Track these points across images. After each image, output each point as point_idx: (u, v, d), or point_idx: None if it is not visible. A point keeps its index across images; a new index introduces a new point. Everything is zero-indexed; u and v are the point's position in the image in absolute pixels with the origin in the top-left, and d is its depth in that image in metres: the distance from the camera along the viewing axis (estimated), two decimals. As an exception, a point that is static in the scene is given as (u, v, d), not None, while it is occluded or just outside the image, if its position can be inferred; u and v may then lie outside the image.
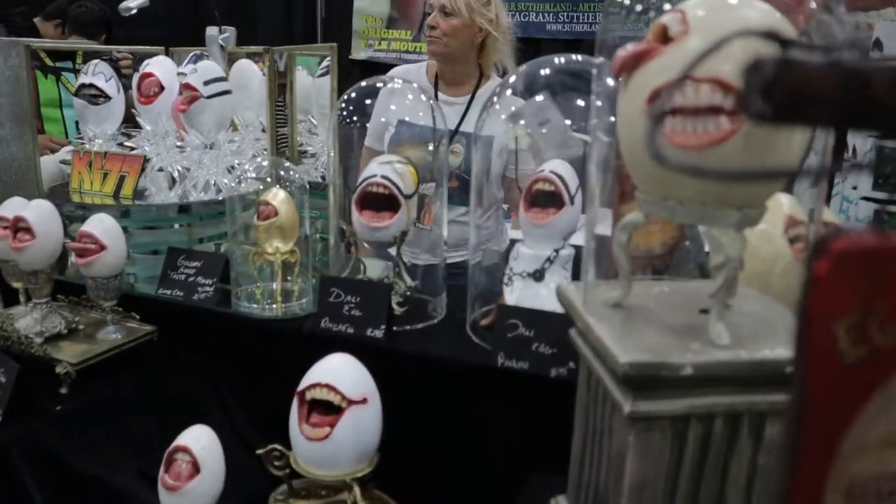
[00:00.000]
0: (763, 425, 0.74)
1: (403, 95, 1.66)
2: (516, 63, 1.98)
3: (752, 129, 0.65)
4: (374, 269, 1.42)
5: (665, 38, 0.72)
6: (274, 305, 1.40)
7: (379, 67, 4.14)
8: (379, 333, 1.25)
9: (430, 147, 1.45)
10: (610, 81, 0.82)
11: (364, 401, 1.07)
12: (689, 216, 0.71)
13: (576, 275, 1.29)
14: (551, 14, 4.11)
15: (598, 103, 0.83)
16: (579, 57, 1.25)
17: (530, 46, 4.26)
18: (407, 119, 1.68)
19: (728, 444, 0.75)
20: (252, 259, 1.41)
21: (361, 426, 1.06)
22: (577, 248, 1.29)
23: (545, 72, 1.30)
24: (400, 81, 1.60)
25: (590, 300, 0.83)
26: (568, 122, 1.24)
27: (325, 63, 1.77)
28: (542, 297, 1.25)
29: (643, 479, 0.74)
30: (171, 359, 1.41)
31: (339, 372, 1.07)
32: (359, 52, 4.66)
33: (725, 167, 0.67)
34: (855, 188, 1.84)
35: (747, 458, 0.76)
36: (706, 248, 1.21)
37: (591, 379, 0.83)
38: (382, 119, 1.69)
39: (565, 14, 4.09)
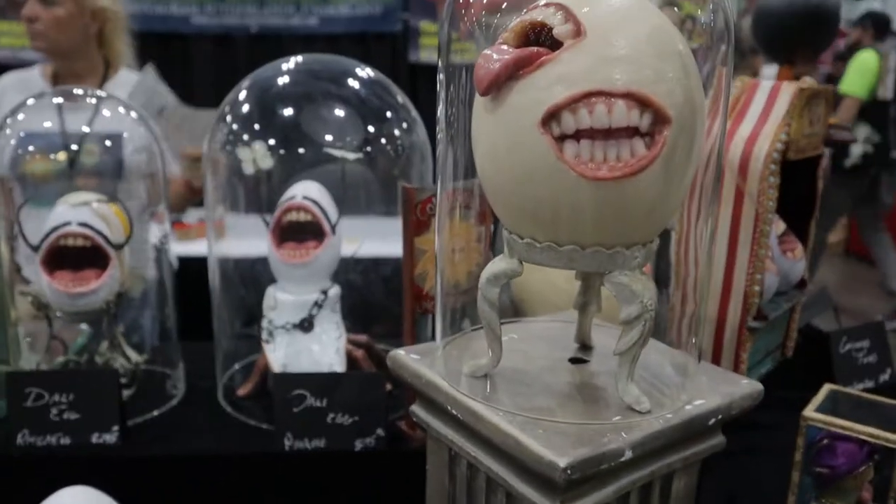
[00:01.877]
0: (671, 484, 0.65)
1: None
2: (135, 59, 1.85)
3: (670, 150, 0.54)
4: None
5: (538, 41, 0.57)
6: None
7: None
8: (111, 438, 0.92)
9: (61, 156, 1.18)
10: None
11: (121, 547, 0.77)
12: (593, 262, 0.57)
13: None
14: (196, 5, 3.72)
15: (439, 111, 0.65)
16: (327, 57, 1.05)
17: (175, 42, 3.85)
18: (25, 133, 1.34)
19: (638, 514, 0.64)
20: None
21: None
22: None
23: (283, 81, 1.07)
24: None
25: (448, 371, 0.66)
26: (329, 137, 1.03)
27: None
28: (314, 353, 1.04)
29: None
30: None
31: (78, 517, 0.76)
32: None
33: (640, 201, 0.54)
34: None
35: (654, 522, 0.66)
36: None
37: (459, 467, 0.66)
38: None
39: (211, 6, 3.73)
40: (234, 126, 1.03)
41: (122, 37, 1.81)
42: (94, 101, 1.23)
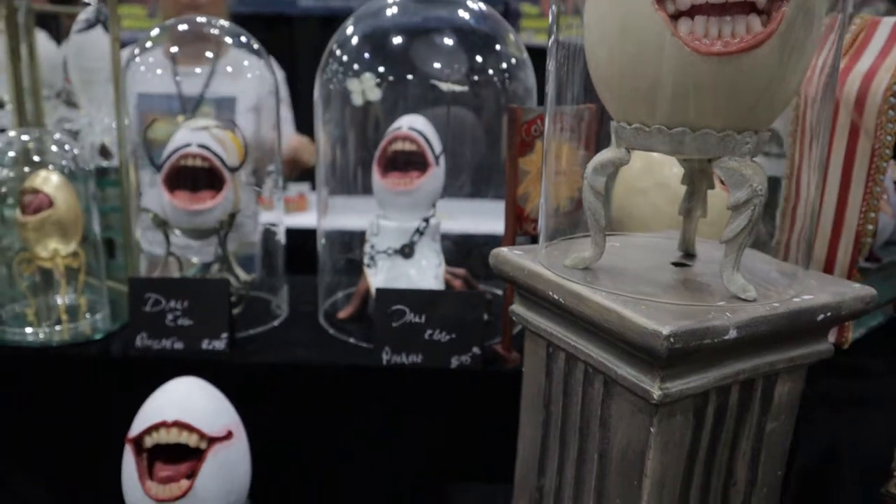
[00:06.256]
0: (774, 387, 0.64)
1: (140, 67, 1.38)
2: None
3: (787, 28, 0.53)
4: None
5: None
6: (59, 327, 1.05)
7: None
8: (220, 345, 0.98)
9: (178, 118, 1.23)
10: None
11: (229, 435, 0.81)
12: (703, 147, 0.57)
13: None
14: (303, -14, 3.84)
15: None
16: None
17: (281, 25, 3.97)
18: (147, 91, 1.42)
19: (739, 414, 0.63)
20: (18, 268, 1.05)
21: (229, 470, 0.81)
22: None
23: (391, 11, 1.10)
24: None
25: (551, 264, 0.67)
26: (437, 65, 1.06)
27: (82, 16, 1.41)
28: (413, 278, 1.06)
29: (664, 474, 0.59)
30: None
31: (191, 402, 0.81)
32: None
33: (753, 79, 0.54)
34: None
35: (755, 427, 0.65)
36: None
37: (556, 363, 0.67)
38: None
39: (318, -14, 3.84)
40: (345, 58, 1.07)
41: None
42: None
